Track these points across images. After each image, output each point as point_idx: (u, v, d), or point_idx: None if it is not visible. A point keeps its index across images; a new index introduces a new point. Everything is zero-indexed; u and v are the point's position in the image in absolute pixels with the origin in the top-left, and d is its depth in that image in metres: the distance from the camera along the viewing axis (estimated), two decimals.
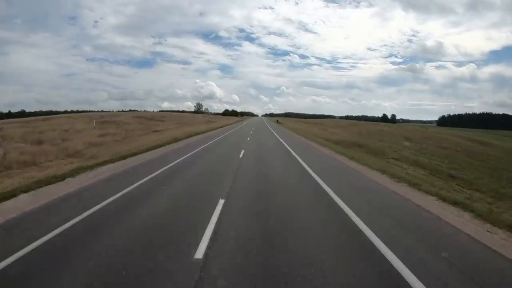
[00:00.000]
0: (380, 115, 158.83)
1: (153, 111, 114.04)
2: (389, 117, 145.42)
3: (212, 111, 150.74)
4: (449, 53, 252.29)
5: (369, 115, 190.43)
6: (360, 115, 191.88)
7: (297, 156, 11.92)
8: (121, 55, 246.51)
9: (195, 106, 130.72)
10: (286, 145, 17.02)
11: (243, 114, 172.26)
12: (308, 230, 4.08)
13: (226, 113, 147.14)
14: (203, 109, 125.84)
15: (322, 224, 4.39)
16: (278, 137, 24.02)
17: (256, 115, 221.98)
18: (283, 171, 9.05)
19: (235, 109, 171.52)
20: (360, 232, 4.02)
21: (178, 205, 5.28)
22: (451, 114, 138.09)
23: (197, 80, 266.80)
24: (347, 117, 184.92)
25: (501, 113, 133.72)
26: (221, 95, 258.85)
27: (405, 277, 2.87)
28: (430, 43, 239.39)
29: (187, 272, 2.91)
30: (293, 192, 6.34)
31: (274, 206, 5.21)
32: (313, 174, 8.13)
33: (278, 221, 4.41)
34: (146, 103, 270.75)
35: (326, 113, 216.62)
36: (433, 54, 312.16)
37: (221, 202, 5.28)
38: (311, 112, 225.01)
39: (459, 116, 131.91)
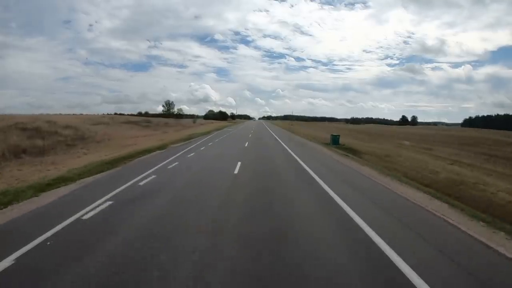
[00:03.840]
0: (377, 116, 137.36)
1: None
2: (409, 119, 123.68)
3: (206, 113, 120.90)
4: (448, 54, 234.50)
5: (373, 117, 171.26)
6: (364, 117, 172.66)
7: None
8: (117, 59, 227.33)
9: (163, 106, 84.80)
10: None
11: (234, 117, 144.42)
12: None
13: (210, 116, 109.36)
14: (175, 110, 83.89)
15: None
16: None
17: (252, 118, 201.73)
18: None
19: (227, 112, 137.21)
20: None
21: None
22: (479, 115, 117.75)
23: (192, 83, 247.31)
24: (353, 120, 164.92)
25: None
26: (216, 98, 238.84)
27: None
28: (426, 44, 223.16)
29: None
30: None
31: None
32: None
33: None
34: (141, 106, 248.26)
35: (326, 115, 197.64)
36: (430, 55, 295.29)
37: None
38: (309, 115, 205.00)
39: (490, 117, 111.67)
